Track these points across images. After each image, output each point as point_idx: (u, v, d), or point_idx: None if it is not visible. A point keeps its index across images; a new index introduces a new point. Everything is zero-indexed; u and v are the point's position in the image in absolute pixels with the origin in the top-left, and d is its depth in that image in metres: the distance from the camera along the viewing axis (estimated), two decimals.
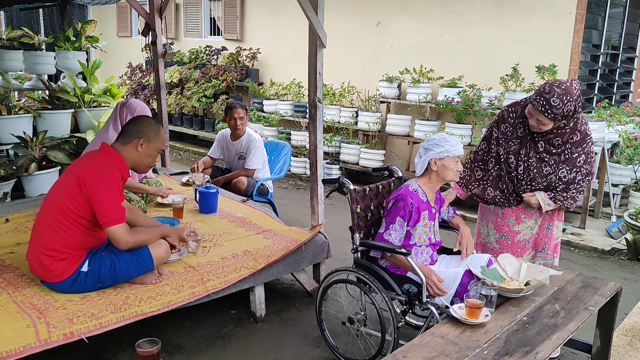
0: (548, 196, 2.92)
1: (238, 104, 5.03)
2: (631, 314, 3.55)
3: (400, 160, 7.34)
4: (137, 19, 11.39)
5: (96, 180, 2.65)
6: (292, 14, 8.06)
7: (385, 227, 2.83)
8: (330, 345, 3.11)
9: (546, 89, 2.70)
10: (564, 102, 2.67)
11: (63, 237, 2.67)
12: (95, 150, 2.87)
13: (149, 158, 2.89)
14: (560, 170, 2.89)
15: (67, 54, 5.86)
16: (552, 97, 2.67)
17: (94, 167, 2.70)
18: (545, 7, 6.05)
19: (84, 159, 2.85)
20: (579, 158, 2.87)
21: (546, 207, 2.93)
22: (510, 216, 3.09)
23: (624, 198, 6.26)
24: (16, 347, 2.34)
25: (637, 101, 8.13)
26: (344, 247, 4.51)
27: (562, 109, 2.68)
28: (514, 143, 2.97)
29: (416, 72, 6.84)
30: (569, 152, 2.87)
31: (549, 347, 2.08)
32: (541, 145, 2.89)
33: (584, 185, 2.91)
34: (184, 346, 3.16)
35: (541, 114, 2.72)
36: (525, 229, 3.07)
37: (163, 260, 2.91)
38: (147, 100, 9.60)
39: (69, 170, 2.79)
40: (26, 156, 4.84)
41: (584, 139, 2.87)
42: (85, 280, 2.71)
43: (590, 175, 2.92)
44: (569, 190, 2.91)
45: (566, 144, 2.86)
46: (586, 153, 2.88)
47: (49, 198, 2.77)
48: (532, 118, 2.80)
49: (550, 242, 3.09)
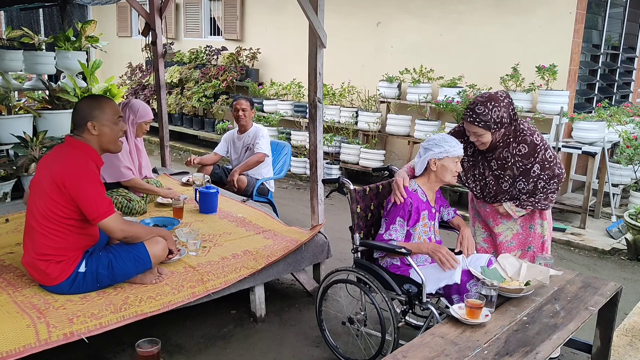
0: (514, 204, 2.97)
1: (242, 97, 5.12)
2: (631, 314, 3.55)
3: (400, 160, 7.33)
4: (137, 19, 11.39)
5: (75, 178, 2.58)
6: (292, 14, 8.06)
7: (385, 227, 2.83)
8: (330, 345, 3.11)
9: (471, 101, 2.86)
10: (489, 108, 2.77)
11: (55, 242, 2.64)
12: (62, 146, 2.77)
13: (112, 132, 2.78)
14: (518, 183, 2.93)
15: (67, 54, 5.86)
16: (476, 106, 2.80)
17: (68, 166, 2.61)
18: (545, 7, 6.05)
19: (55, 158, 2.71)
20: (533, 168, 2.88)
21: (516, 214, 2.98)
22: (488, 218, 3.16)
23: (624, 198, 6.26)
24: (16, 347, 2.34)
25: (637, 101, 8.12)
26: (344, 247, 4.51)
27: (489, 114, 2.77)
28: (468, 162, 3.06)
29: (416, 72, 6.84)
30: (521, 165, 2.89)
31: (549, 347, 2.08)
32: (494, 163, 2.95)
33: (551, 188, 2.92)
34: (184, 346, 3.16)
35: (472, 125, 2.82)
36: (505, 230, 3.12)
37: (161, 258, 2.89)
38: (147, 100, 9.60)
39: (42, 170, 2.70)
40: (26, 156, 4.84)
41: (534, 149, 2.87)
42: (83, 281, 2.70)
43: (556, 177, 2.90)
44: (535, 196, 2.93)
45: (515, 157, 2.88)
46: (540, 161, 2.87)
47: (31, 203, 2.70)
48: (470, 134, 2.89)
49: (536, 240, 3.11)
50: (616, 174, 6.03)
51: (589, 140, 5.72)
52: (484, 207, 3.17)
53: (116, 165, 3.89)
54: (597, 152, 5.56)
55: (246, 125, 5.06)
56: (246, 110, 5.00)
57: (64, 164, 2.63)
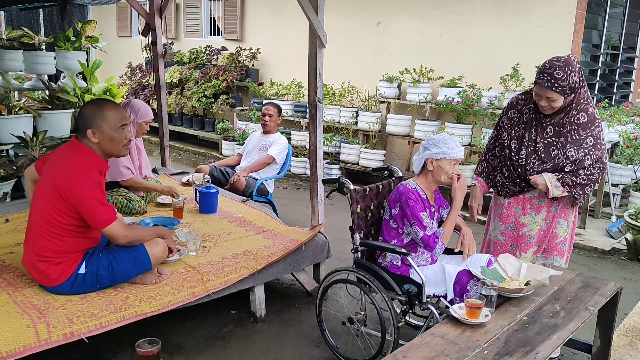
0: (556, 177, 2.86)
1: (271, 103, 5.37)
2: (631, 314, 3.55)
3: (400, 160, 7.34)
4: (137, 19, 11.39)
5: (77, 187, 2.55)
6: (292, 14, 8.06)
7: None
8: (330, 345, 3.12)
9: (547, 66, 2.75)
10: (567, 73, 2.71)
11: (56, 244, 2.64)
12: (68, 146, 2.74)
13: (113, 140, 2.72)
14: (568, 150, 2.85)
15: (67, 54, 5.85)
16: (554, 71, 2.72)
17: (70, 174, 2.58)
18: (545, 7, 6.05)
19: (60, 161, 2.68)
20: (587, 139, 2.83)
21: (554, 189, 2.84)
22: (517, 205, 3.04)
23: (624, 198, 6.26)
24: (16, 347, 2.34)
25: (637, 101, 8.12)
26: (344, 247, 4.51)
27: (567, 80, 2.71)
28: (520, 128, 2.97)
29: (416, 72, 6.84)
30: (575, 133, 2.83)
31: (549, 347, 2.08)
32: (550, 129, 2.87)
33: (594, 173, 2.84)
34: (184, 346, 3.16)
35: (548, 90, 2.74)
36: (530, 223, 3.02)
37: (161, 259, 2.90)
38: (147, 100, 9.60)
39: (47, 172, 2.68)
40: (26, 156, 4.83)
41: (592, 121, 2.84)
42: (83, 282, 2.70)
43: (601, 163, 2.85)
44: (579, 175, 2.83)
45: (572, 124, 2.83)
46: (594, 136, 2.83)
47: (35, 204, 2.69)
48: (542, 98, 2.80)
49: (552, 240, 3.04)
50: (616, 174, 6.03)
51: None
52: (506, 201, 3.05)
53: (115, 165, 3.89)
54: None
55: (270, 131, 5.24)
56: (272, 116, 5.21)
57: (66, 171, 2.60)
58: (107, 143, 2.71)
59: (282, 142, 5.18)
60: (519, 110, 3.00)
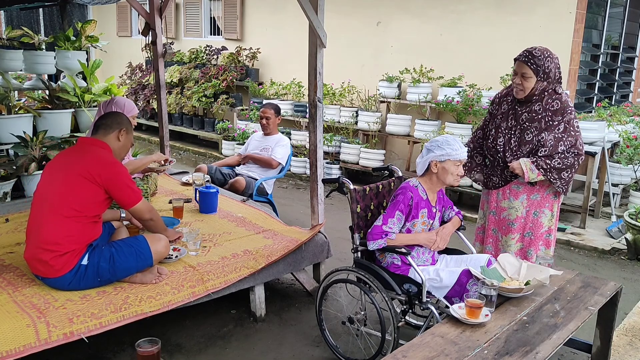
0: (530, 160, 3.04)
1: (269, 104, 5.37)
2: (631, 313, 3.55)
3: (400, 160, 7.33)
4: (137, 19, 11.39)
5: (110, 170, 2.79)
6: (292, 14, 8.06)
7: (383, 220, 2.81)
8: (330, 345, 3.12)
9: (529, 47, 3.06)
10: (545, 56, 2.98)
11: (68, 229, 2.71)
12: (82, 143, 2.94)
13: (126, 147, 3.07)
14: (541, 134, 3.03)
15: (67, 54, 5.85)
16: (534, 49, 3.02)
17: (101, 159, 2.81)
18: (545, 7, 6.05)
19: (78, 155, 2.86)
20: (559, 126, 3.02)
21: (529, 172, 3.02)
22: (498, 191, 3.25)
23: (624, 198, 6.26)
24: (16, 346, 2.34)
25: (637, 101, 8.12)
26: (344, 247, 4.51)
27: (543, 61, 2.97)
28: (498, 119, 3.20)
29: (416, 72, 6.84)
30: (549, 119, 3.03)
31: (549, 347, 2.09)
32: (525, 116, 3.08)
33: (568, 157, 3.00)
34: (184, 346, 3.16)
35: (524, 65, 2.99)
36: (509, 208, 3.21)
37: (162, 255, 2.95)
38: (147, 100, 9.60)
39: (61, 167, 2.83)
40: (26, 156, 4.83)
41: (564, 108, 3.02)
42: (85, 274, 2.73)
43: (576, 148, 3.02)
44: (553, 158, 3.01)
45: (547, 111, 3.02)
46: (566, 122, 3.02)
47: (44, 195, 2.78)
48: (517, 76, 3.04)
49: (536, 228, 3.18)
50: (616, 173, 6.03)
51: (589, 140, 5.71)
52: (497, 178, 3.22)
53: None
54: (597, 152, 5.56)
55: (270, 132, 5.26)
56: (270, 118, 5.22)
57: (97, 158, 2.81)
58: (124, 146, 3.05)
59: (285, 143, 5.19)
60: (498, 103, 3.26)
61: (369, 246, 2.84)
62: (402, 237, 2.83)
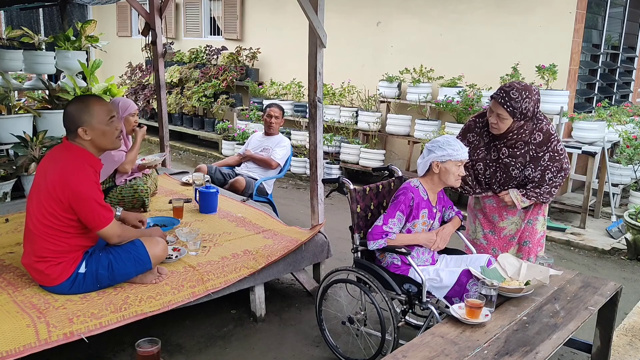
0: (520, 193, 3.04)
1: (276, 104, 5.39)
2: (631, 313, 3.55)
3: (400, 160, 7.33)
4: (137, 19, 11.39)
5: (75, 187, 2.54)
6: (292, 14, 8.06)
7: (383, 220, 2.81)
8: (330, 345, 3.12)
9: (506, 85, 2.92)
10: (522, 97, 2.85)
11: (55, 245, 2.64)
12: (59, 148, 2.71)
13: (105, 134, 2.69)
14: (526, 170, 3.01)
15: (67, 54, 5.86)
16: (511, 90, 2.87)
17: (66, 175, 2.56)
18: (545, 7, 6.05)
19: (52, 163, 2.66)
20: (544, 156, 2.98)
21: (521, 204, 3.05)
22: (493, 214, 3.23)
23: (624, 198, 6.26)
24: (16, 346, 2.34)
25: (637, 101, 8.12)
26: (344, 247, 4.51)
27: (520, 103, 2.85)
28: (481, 151, 3.13)
29: (416, 72, 6.84)
30: (533, 152, 2.99)
31: (549, 347, 2.09)
32: (505, 151, 3.03)
33: (557, 181, 3.02)
34: (184, 346, 3.16)
35: (500, 107, 2.88)
36: (509, 225, 3.20)
37: (160, 258, 2.91)
38: (147, 100, 9.60)
39: (40, 175, 2.66)
40: (26, 156, 4.84)
41: (548, 138, 2.98)
42: (83, 281, 2.70)
43: (563, 171, 3.01)
44: (542, 186, 3.02)
45: (529, 145, 2.98)
46: (552, 151, 2.98)
47: (29, 206, 2.68)
48: (492, 115, 2.94)
49: (533, 236, 3.20)
50: (616, 173, 6.03)
51: (589, 140, 5.72)
52: (491, 203, 3.21)
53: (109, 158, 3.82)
54: (597, 152, 5.56)
55: (273, 133, 5.27)
56: (278, 118, 5.25)
57: (61, 173, 2.57)
58: (99, 138, 2.68)
59: (285, 144, 5.21)
60: (477, 133, 3.16)
61: (369, 246, 2.84)
62: (402, 237, 2.83)
